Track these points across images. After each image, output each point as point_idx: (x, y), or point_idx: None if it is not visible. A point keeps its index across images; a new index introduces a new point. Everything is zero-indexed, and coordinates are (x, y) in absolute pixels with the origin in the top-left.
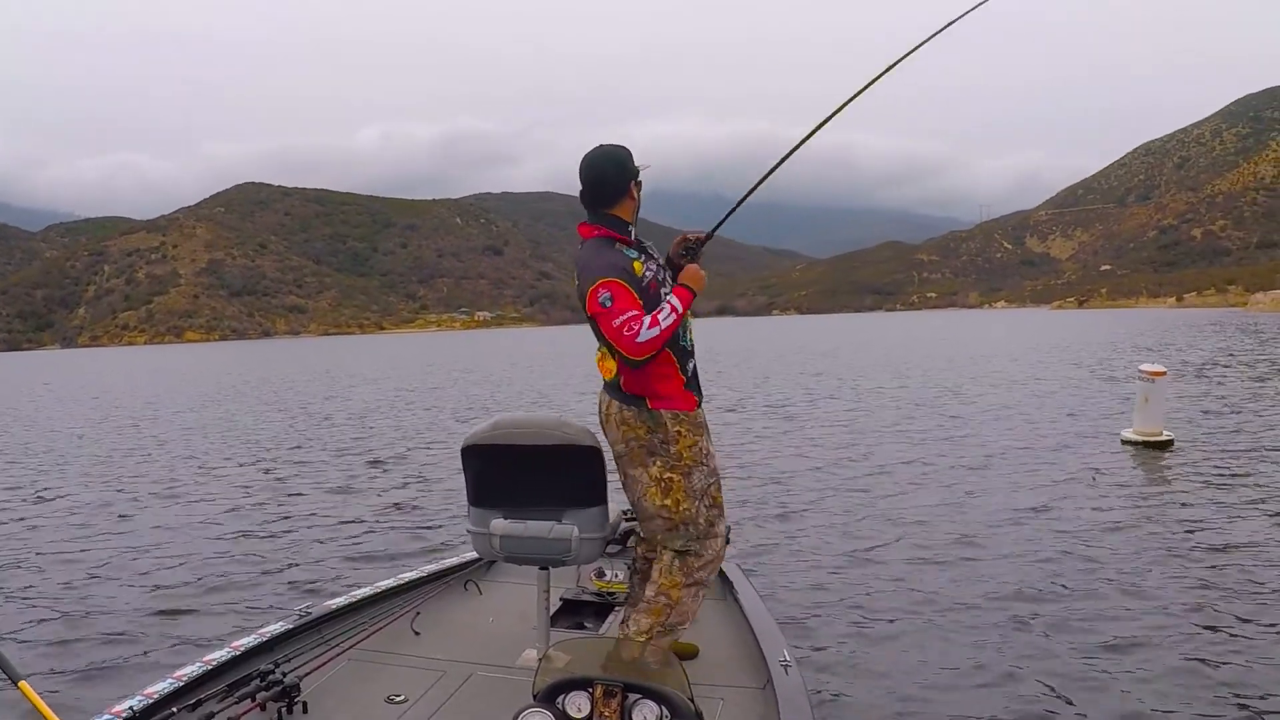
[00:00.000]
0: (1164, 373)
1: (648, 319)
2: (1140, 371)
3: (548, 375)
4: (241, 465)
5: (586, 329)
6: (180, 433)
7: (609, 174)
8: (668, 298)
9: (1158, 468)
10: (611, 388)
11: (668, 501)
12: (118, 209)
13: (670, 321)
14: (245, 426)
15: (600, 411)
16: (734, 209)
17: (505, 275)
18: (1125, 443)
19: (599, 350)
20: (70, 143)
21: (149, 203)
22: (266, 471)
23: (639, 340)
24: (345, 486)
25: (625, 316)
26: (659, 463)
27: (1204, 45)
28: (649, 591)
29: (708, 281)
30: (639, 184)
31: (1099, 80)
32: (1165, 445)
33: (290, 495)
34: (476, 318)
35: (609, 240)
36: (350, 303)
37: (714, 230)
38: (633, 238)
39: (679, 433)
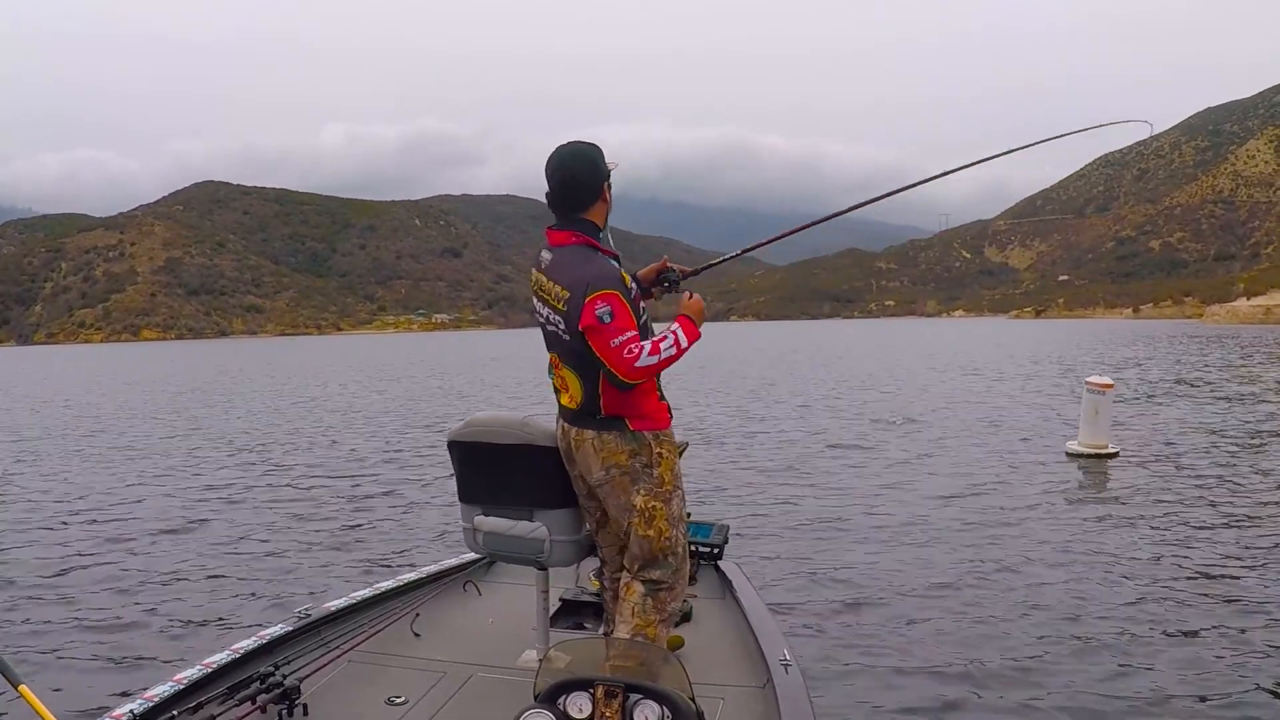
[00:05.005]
0: (1112, 385)
1: (648, 344)
2: (1088, 383)
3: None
4: (237, 466)
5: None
6: (173, 433)
7: (581, 174)
8: (673, 328)
9: (1102, 480)
10: (580, 415)
11: (650, 532)
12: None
13: (671, 354)
14: (239, 427)
15: (565, 440)
16: (737, 255)
17: (464, 277)
18: (1070, 455)
19: (556, 376)
20: (35, 137)
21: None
22: (262, 473)
23: (638, 365)
24: (343, 486)
25: (625, 336)
26: (643, 490)
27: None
28: (622, 631)
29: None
30: (609, 185)
31: (1062, 90)
32: (1110, 457)
33: (286, 496)
34: (434, 320)
35: (590, 247)
36: (308, 303)
37: (702, 269)
38: (609, 245)
39: (660, 455)
